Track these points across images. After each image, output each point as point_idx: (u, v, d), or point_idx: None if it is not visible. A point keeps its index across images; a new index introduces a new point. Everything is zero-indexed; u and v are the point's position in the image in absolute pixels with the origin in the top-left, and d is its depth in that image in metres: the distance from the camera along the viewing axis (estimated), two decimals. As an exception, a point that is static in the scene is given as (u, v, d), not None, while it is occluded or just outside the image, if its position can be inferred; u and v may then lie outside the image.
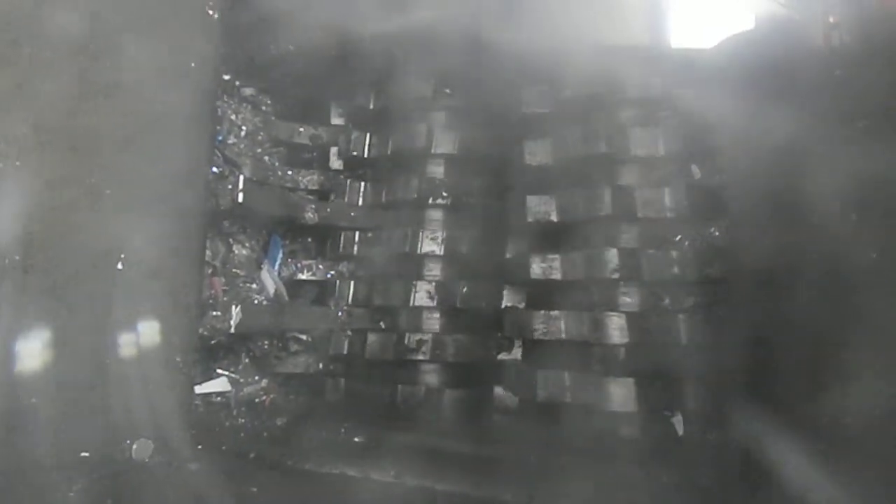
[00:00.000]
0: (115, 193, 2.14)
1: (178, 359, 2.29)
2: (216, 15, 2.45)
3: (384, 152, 3.12)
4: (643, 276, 2.53)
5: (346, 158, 3.17)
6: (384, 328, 3.03)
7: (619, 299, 2.55)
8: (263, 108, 3.07)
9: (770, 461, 1.79)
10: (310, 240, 3.21)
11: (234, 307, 2.66)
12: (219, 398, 2.75)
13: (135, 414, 2.14)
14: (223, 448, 2.41)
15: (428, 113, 3.07)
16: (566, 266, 2.69)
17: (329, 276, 3.13)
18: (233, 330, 2.65)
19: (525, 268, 2.79)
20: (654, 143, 2.61)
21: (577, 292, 2.67)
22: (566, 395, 2.58)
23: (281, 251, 3.04)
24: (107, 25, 2.15)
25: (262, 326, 2.85)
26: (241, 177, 2.68)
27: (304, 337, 3.04)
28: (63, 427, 2.01)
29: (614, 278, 2.55)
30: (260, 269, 2.97)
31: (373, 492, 2.17)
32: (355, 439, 2.57)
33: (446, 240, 2.96)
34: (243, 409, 2.76)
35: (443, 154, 3.02)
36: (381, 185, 3.15)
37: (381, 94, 3.15)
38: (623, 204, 2.59)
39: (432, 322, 2.91)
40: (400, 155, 3.09)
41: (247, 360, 2.91)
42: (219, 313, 2.64)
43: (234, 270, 2.90)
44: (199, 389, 2.63)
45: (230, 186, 2.63)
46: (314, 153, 3.17)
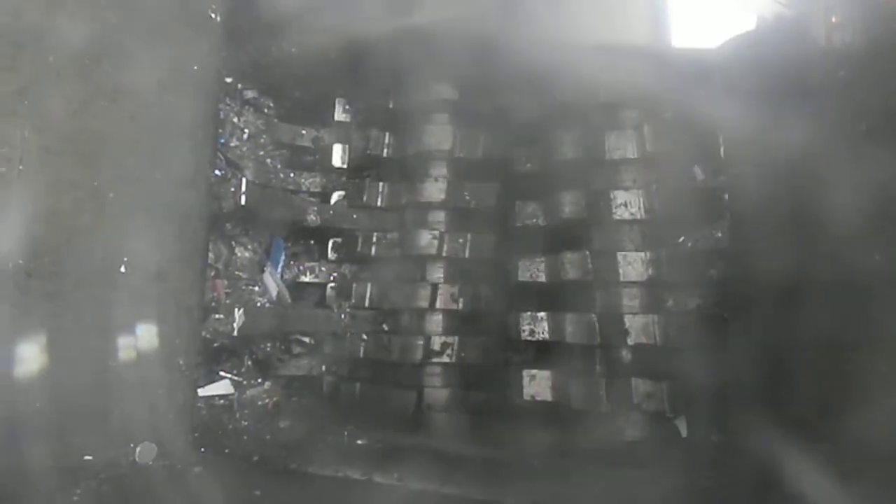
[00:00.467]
0: (117, 197, 2.14)
1: (180, 362, 2.29)
2: (218, 18, 2.45)
3: (387, 153, 3.11)
4: (645, 278, 2.52)
5: (347, 160, 3.17)
6: (387, 330, 3.03)
7: (622, 301, 2.55)
8: (265, 110, 3.07)
9: (777, 466, 1.78)
10: (312, 242, 3.21)
11: (236, 310, 2.67)
12: (222, 401, 2.75)
13: (138, 417, 2.15)
14: (226, 451, 2.41)
15: (432, 114, 3.06)
16: (569, 267, 2.69)
17: (332, 278, 3.13)
18: (236, 333, 2.66)
19: (529, 270, 2.79)
20: (655, 144, 2.60)
21: (581, 294, 2.67)
22: (569, 397, 2.58)
23: (283, 253, 3.04)
24: (109, 29, 2.15)
25: (264, 329, 2.85)
26: (244, 179, 2.68)
27: (307, 339, 3.05)
28: (66, 431, 2.01)
29: (616, 279, 2.55)
30: (262, 271, 2.97)
31: (376, 495, 2.17)
32: (359, 442, 2.57)
33: (450, 242, 2.96)
34: (246, 411, 2.76)
35: (446, 155, 3.01)
36: (383, 186, 3.14)
37: (383, 95, 3.14)
38: (626, 205, 2.59)
39: (436, 325, 2.91)
40: (403, 156, 3.08)
41: (250, 363, 2.91)
42: (221, 316, 2.65)
43: (236, 273, 2.90)
44: (202, 392, 2.63)
45: (232, 189, 2.64)
46: (316, 155, 3.17)
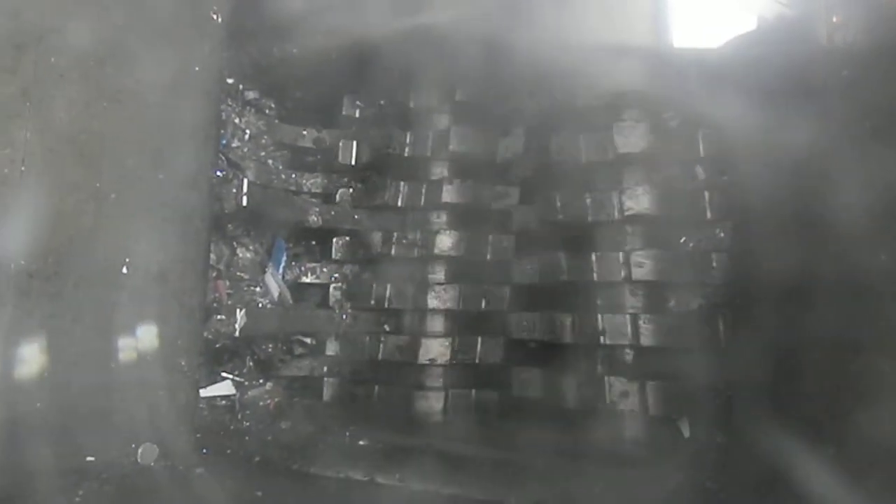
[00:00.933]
0: (119, 198, 2.15)
1: (182, 362, 2.29)
2: (220, 19, 2.45)
3: (389, 154, 3.11)
4: (647, 278, 2.52)
5: (354, 158, 3.16)
6: (389, 331, 3.02)
7: (624, 301, 2.54)
8: (267, 111, 3.08)
9: (781, 467, 1.77)
10: (314, 243, 3.21)
11: (238, 311, 2.67)
12: (223, 402, 2.75)
13: (139, 418, 2.15)
14: (228, 452, 2.41)
15: (436, 115, 3.06)
16: (572, 268, 2.68)
17: (333, 278, 3.13)
18: (237, 333, 2.66)
19: (532, 270, 2.79)
20: (656, 144, 2.60)
21: (583, 295, 2.67)
22: (571, 397, 2.58)
23: (285, 254, 3.04)
24: (111, 31, 2.16)
25: (266, 330, 2.85)
26: (245, 180, 2.69)
27: (309, 340, 3.05)
28: (68, 431, 2.01)
29: (618, 280, 2.54)
30: (264, 272, 2.97)
31: (378, 495, 2.17)
32: (360, 443, 2.56)
33: (452, 243, 2.95)
34: (248, 412, 2.76)
35: (449, 156, 3.01)
36: (389, 184, 3.14)
37: (384, 96, 3.15)
38: (629, 206, 2.58)
39: (438, 325, 2.90)
40: (406, 156, 3.08)
41: (251, 364, 2.92)
42: (223, 317, 2.65)
43: (238, 274, 2.90)
44: (203, 393, 2.63)
45: (234, 190, 2.64)
46: (318, 156, 3.17)
